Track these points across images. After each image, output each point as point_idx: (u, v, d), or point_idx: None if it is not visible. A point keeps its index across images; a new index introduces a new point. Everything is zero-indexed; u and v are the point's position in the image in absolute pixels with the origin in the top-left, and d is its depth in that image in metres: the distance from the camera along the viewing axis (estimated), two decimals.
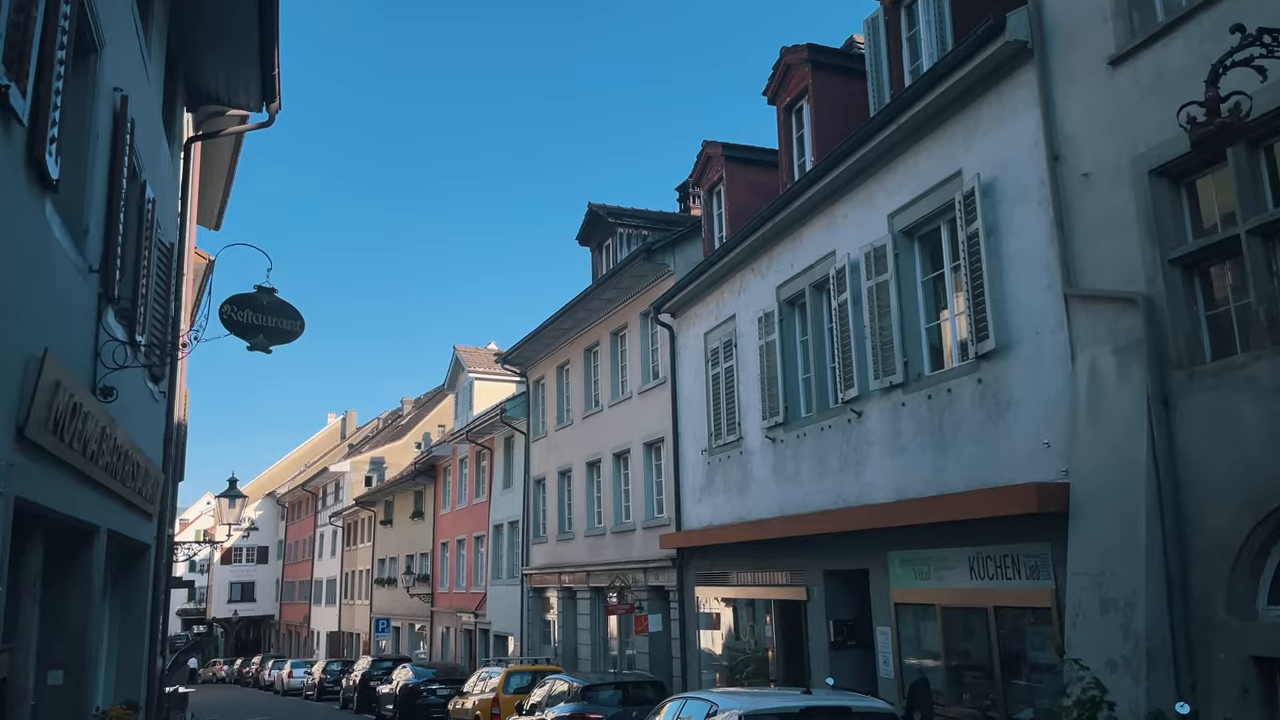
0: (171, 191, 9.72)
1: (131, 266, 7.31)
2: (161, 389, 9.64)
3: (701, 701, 8.33)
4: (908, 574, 11.16)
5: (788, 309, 14.38)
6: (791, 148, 14.71)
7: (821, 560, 13.09)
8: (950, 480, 10.33)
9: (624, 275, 20.22)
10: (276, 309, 7.19)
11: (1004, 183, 9.77)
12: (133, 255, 7.35)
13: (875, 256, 11.74)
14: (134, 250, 7.44)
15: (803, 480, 13.58)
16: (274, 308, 7.17)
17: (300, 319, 7.31)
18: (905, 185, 11.39)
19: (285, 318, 7.21)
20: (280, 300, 7.24)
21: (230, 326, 7.05)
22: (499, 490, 29.97)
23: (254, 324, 7.06)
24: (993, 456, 9.74)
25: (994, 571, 9.75)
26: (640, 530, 19.94)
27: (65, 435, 5.30)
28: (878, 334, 11.63)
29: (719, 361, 16.55)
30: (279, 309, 7.19)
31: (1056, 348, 9.00)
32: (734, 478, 15.78)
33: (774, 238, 14.49)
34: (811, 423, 13.46)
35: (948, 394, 10.48)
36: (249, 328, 7.05)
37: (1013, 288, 9.56)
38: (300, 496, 61.55)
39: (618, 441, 21.32)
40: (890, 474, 11.46)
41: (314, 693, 38.26)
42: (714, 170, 17.14)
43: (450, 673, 25.76)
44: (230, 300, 7.18)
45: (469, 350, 36.27)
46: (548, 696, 14.82)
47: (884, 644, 11.58)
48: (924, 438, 10.85)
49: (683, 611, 17.78)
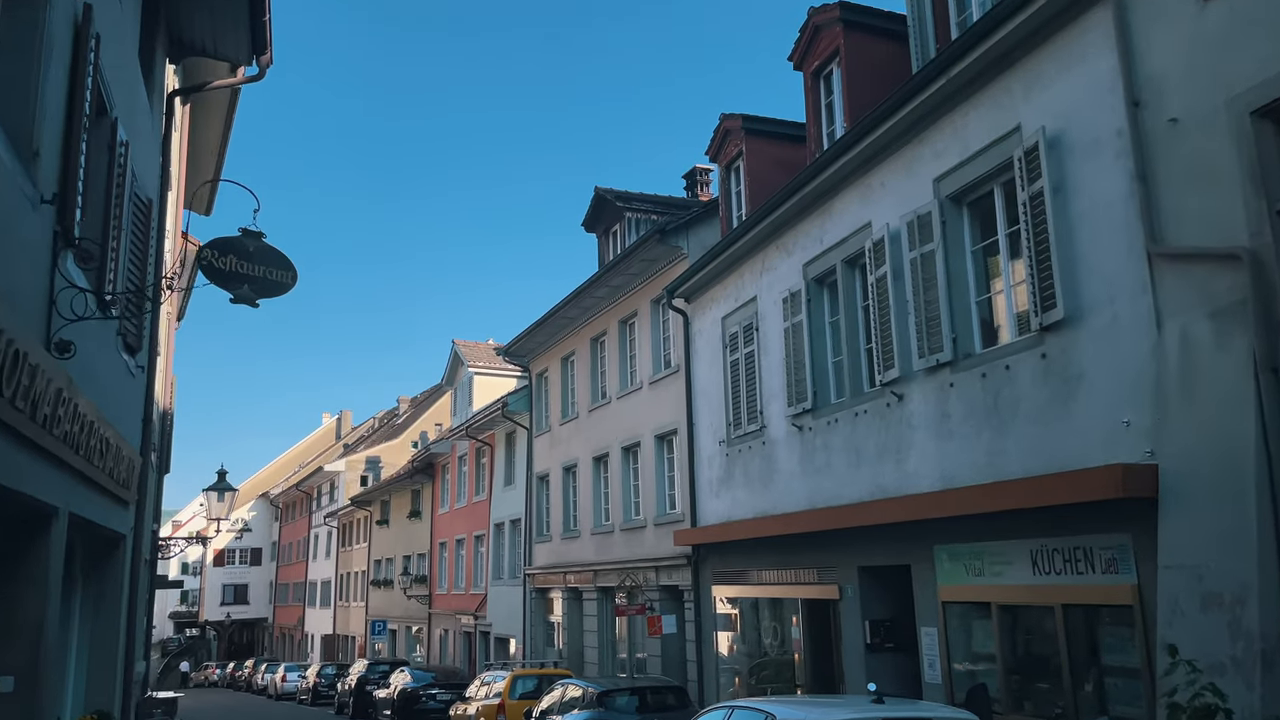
0: (151, 144, 8.76)
1: (100, 212, 6.35)
2: (139, 363, 8.67)
3: (753, 712, 7.34)
4: (957, 570, 10.22)
5: (816, 288, 13.44)
6: (820, 115, 13.77)
7: (856, 556, 12.15)
8: (1008, 466, 9.39)
9: (634, 259, 19.27)
10: (265, 256, 6.22)
11: (1072, 136, 8.85)
12: (101, 200, 6.39)
13: (919, 225, 10.81)
14: (103, 195, 6.48)
15: (834, 470, 12.64)
16: (262, 255, 6.21)
17: (292, 269, 6.34)
18: (953, 146, 10.46)
19: (275, 266, 6.24)
20: (269, 246, 6.28)
21: (211, 275, 6.08)
22: (500, 488, 28.98)
23: (238, 272, 6.10)
24: (1059, 438, 8.80)
25: (1061, 566, 8.81)
26: (651, 527, 18.98)
27: (5, 389, 4.35)
28: (922, 309, 10.70)
29: (738, 347, 15.61)
30: (268, 256, 6.23)
31: (1138, 315, 8.07)
32: (756, 469, 14.84)
33: (801, 212, 13.56)
34: (844, 408, 12.52)
35: (1005, 371, 9.54)
36: (233, 276, 6.08)
37: (1084, 251, 8.63)
38: (294, 497, 60.45)
39: (627, 434, 20.36)
40: (937, 461, 10.53)
41: (308, 697, 37.26)
42: (733, 144, 16.20)
43: (450, 676, 24.78)
44: (211, 244, 6.21)
45: (468, 345, 35.28)
46: (560, 703, 13.83)
47: (929, 646, 10.63)
48: (977, 420, 9.92)
49: (698, 612, 16.82)
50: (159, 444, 15.12)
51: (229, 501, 15.56)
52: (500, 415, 27.43)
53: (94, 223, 6.05)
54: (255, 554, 68.52)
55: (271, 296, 6.23)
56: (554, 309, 23.10)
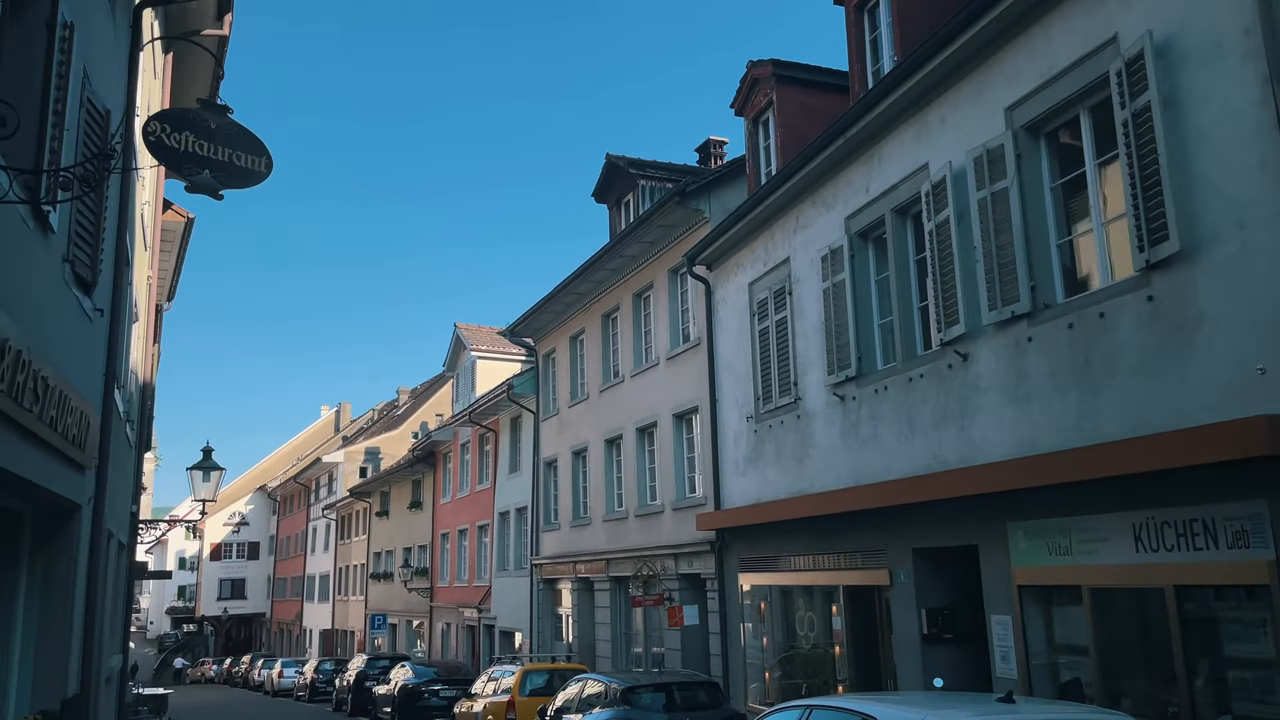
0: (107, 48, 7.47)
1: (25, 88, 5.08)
2: (97, 305, 7.41)
3: (841, 712, 6.07)
4: (1037, 549, 8.97)
5: (860, 243, 12.18)
6: (865, 52, 12.50)
7: (910, 537, 10.91)
8: (1103, 427, 8.14)
9: (651, 226, 17.99)
10: (231, 136, 4.93)
11: (1185, 40, 7.58)
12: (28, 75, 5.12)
13: (989, 161, 9.55)
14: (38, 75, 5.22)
15: (883, 442, 11.39)
16: (227, 134, 4.92)
17: (266, 153, 5.05)
18: (1030, 68, 9.19)
19: (243, 150, 4.96)
20: (236, 124, 4.99)
21: (160, 154, 4.79)
22: (505, 475, 27.73)
23: (195, 153, 4.82)
24: (1171, 392, 7.55)
25: (1174, 540, 7.56)
26: (669, 512, 17.74)
27: None
28: (992, 255, 9.44)
29: (768, 314, 14.36)
30: (234, 137, 4.94)
31: (1277, 241, 6.81)
32: (789, 445, 13.59)
33: (843, 160, 12.30)
34: (894, 374, 11.27)
35: (1099, 320, 8.28)
36: (188, 158, 4.80)
37: (1204, 171, 7.36)
38: (292, 490, 59.23)
39: (642, 414, 19.11)
40: (1011, 426, 9.27)
41: (305, 693, 36.08)
42: (761, 94, 14.91)
43: (453, 672, 23.53)
44: (158, 117, 4.92)
45: (470, 328, 33.97)
46: (578, 699, 12.58)
47: (1002, 637, 9.38)
48: (1062, 378, 8.66)
49: (723, 602, 15.57)
50: (138, 418, 13.86)
51: (215, 481, 14.31)
52: (505, 398, 26.18)
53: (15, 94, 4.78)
54: (253, 548, 67.33)
55: (240, 186, 4.95)
56: (562, 284, 21.83)
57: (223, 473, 14.42)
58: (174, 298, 20.03)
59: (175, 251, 17.87)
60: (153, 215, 13.88)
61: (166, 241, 17.10)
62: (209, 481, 14.22)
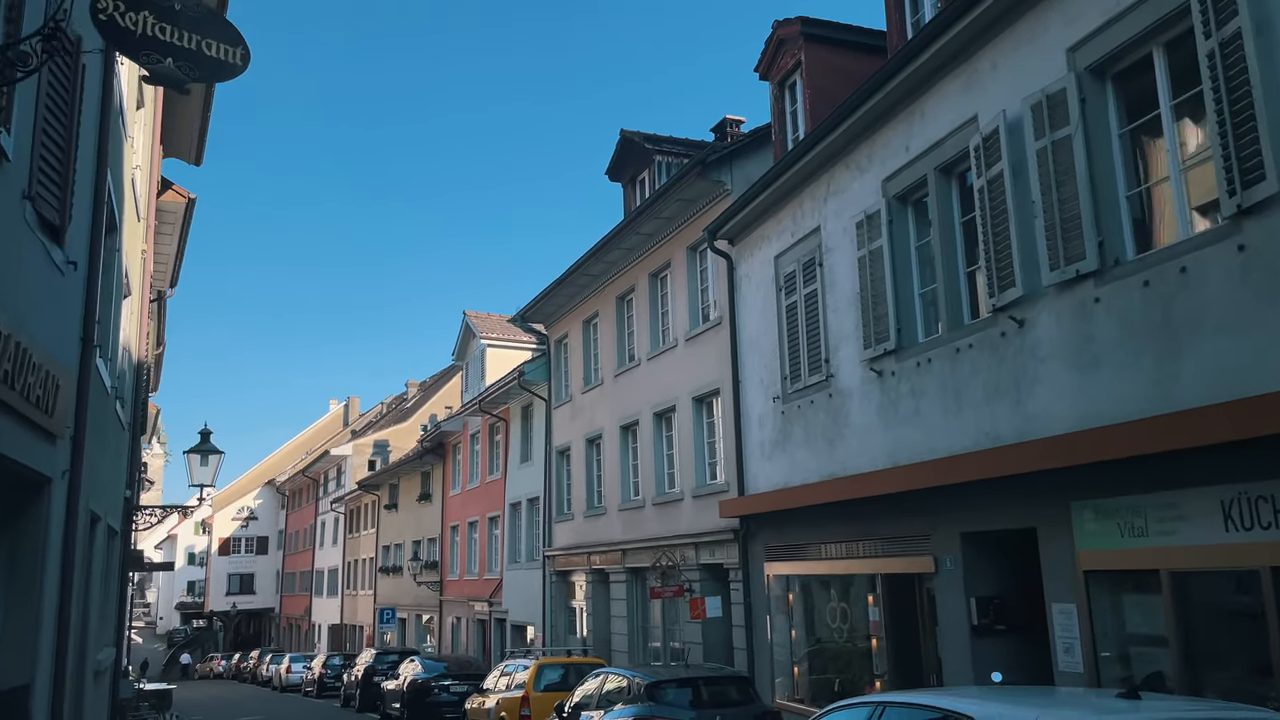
0: None
1: None
2: (69, 257, 6.66)
3: (925, 710, 5.26)
4: (1107, 530, 8.16)
5: (899, 207, 11.38)
6: (903, 3, 11.68)
7: (957, 521, 10.11)
8: (1184, 394, 7.33)
9: (669, 200, 17.20)
10: (199, 21, 4.15)
11: None
12: None
13: (1049, 107, 8.73)
14: None
15: (926, 419, 10.59)
16: (194, 18, 4.14)
17: (241, 43, 4.26)
18: (1093, 5, 8.37)
19: (215, 39, 4.18)
20: (205, 7, 4.22)
21: (111, 35, 3.99)
22: (515, 465, 26.98)
23: (156, 37, 4.05)
24: (1266, 351, 6.73)
25: (1271, 518, 6.75)
26: (689, 499, 16.96)
27: None
28: (1054, 210, 8.62)
29: (796, 288, 13.56)
30: (204, 22, 4.15)
31: None
32: (820, 425, 12.80)
33: (880, 118, 11.49)
34: (938, 345, 10.46)
35: (1180, 275, 7.47)
36: (147, 42, 4.02)
37: None
38: (301, 484, 58.69)
39: (659, 399, 18.33)
40: (1075, 395, 8.46)
41: (313, 689, 35.47)
42: (789, 55, 14.10)
43: (464, 667, 22.81)
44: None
45: (480, 316, 33.24)
46: (599, 695, 11.82)
47: (1065, 627, 8.58)
48: (1136, 341, 7.85)
49: (747, 593, 14.79)
50: (132, 398, 13.15)
51: (214, 465, 13.58)
52: (516, 386, 25.42)
53: None
54: (261, 543, 66.86)
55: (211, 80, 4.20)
56: (575, 265, 21.03)
57: (222, 456, 13.70)
58: (177, 284, 19.33)
59: (176, 235, 17.13)
60: (146, 185, 13.16)
61: (168, 224, 16.40)
62: (208, 465, 13.51)
